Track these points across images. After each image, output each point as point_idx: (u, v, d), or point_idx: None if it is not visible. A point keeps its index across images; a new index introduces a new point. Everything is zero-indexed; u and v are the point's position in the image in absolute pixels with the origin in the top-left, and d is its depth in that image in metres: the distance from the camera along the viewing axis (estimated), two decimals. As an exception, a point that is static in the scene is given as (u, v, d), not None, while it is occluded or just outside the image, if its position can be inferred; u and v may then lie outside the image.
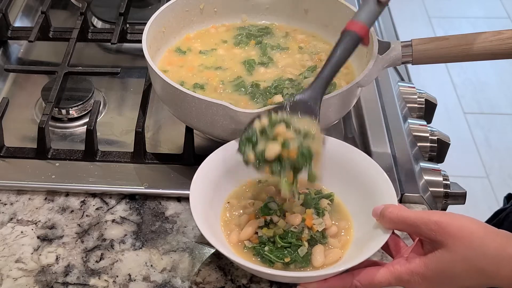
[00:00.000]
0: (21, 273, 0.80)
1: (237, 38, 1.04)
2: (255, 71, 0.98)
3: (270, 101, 0.91)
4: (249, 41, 1.04)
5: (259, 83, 0.94)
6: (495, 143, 2.54)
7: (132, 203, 0.90)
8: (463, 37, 0.88)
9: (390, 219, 0.72)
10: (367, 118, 1.02)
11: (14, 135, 0.99)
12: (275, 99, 0.91)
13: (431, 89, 1.18)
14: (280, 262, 0.75)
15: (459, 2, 3.29)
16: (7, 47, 1.17)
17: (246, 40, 1.04)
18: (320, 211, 0.80)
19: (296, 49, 1.03)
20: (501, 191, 2.29)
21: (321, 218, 0.79)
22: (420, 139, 1.04)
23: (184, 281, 0.80)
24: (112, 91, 1.09)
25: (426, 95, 1.12)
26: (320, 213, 0.79)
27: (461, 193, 0.98)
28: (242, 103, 0.92)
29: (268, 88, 0.93)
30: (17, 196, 0.90)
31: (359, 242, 0.78)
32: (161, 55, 1.01)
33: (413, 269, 0.69)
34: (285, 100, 0.79)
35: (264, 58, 1.00)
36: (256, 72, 0.98)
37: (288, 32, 1.06)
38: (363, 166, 0.83)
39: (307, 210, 0.79)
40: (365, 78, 0.88)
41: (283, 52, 1.02)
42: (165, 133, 1.01)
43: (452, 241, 0.67)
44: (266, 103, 0.91)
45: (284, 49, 1.03)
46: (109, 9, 1.22)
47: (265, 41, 1.04)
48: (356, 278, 0.71)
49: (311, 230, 0.77)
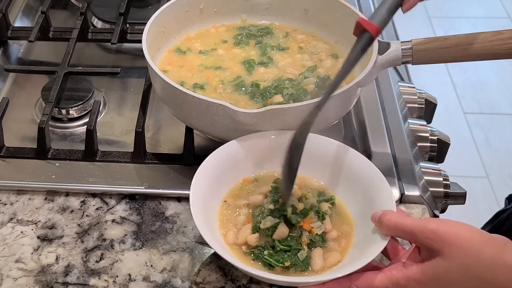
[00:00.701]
0: (21, 273, 0.80)
1: (237, 38, 1.04)
2: (255, 71, 0.98)
3: (270, 101, 0.91)
4: (249, 41, 1.04)
5: (259, 83, 0.94)
6: (495, 143, 2.54)
7: (132, 203, 0.90)
8: (463, 37, 0.88)
9: (388, 226, 0.73)
10: (367, 118, 1.02)
11: (14, 135, 0.99)
12: (275, 99, 0.91)
13: (431, 89, 1.18)
14: (280, 266, 0.75)
15: (459, 2, 3.29)
16: (7, 47, 1.17)
17: (246, 40, 1.04)
18: (321, 214, 0.80)
19: (296, 49, 1.03)
20: (501, 191, 2.29)
21: (320, 221, 0.79)
22: (420, 139, 1.04)
23: (184, 281, 0.80)
24: (112, 91, 1.09)
25: (426, 95, 1.12)
26: (320, 216, 0.79)
27: (461, 193, 0.98)
28: (242, 103, 0.92)
29: (268, 88, 0.93)
30: (17, 196, 0.90)
31: (358, 246, 0.78)
32: (161, 55, 1.01)
33: (410, 275, 0.69)
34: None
35: (264, 58, 1.00)
36: (256, 72, 0.98)
37: (288, 32, 1.06)
38: (362, 169, 0.83)
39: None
40: (365, 78, 0.88)
41: (283, 52, 1.02)
42: (165, 133, 1.01)
43: (448, 249, 0.67)
44: (266, 103, 0.91)
45: (284, 49, 1.03)
46: (109, 9, 1.22)
47: (265, 41, 1.04)
48: (354, 282, 0.72)
49: (310, 233, 0.78)
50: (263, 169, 0.87)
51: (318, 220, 0.79)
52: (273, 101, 0.90)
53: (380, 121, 1.02)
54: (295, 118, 0.85)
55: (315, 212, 0.79)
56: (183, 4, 1.02)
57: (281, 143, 0.86)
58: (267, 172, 0.87)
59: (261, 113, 0.82)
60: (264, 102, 0.91)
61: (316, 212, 0.79)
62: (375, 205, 0.77)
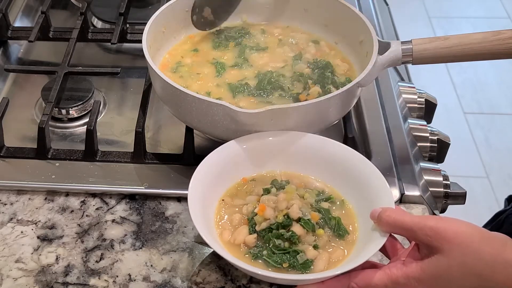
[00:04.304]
0: (21, 273, 0.80)
1: (215, 42, 1.03)
2: (227, 72, 0.97)
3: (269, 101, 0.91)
4: (228, 43, 1.03)
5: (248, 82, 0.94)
6: (495, 143, 2.54)
7: (132, 203, 0.90)
8: (463, 37, 0.88)
9: (387, 223, 0.73)
10: (367, 118, 1.02)
11: (14, 135, 0.99)
12: (274, 100, 0.91)
13: (431, 89, 1.18)
14: (278, 267, 0.75)
15: (459, 2, 3.29)
16: (7, 47, 1.17)
17: (225, 42, 1.03)
18: (310, 225, 0.79)
19: (276, 43, 1.03)
20: (501, 191, 2.29)
21: (311, 231, 0.78)
22: (420, 139, 1.04)
23: (184, 281, 0.80)
24: (112, 91, 1.09)
25: (426, 95, 1.12)
26: (310, 227, 0.79)
27: (461, 193, 0.98)
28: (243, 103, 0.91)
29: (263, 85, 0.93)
30: (17, 196, 0.90)
31: (359, 244, 0.78)
32: (162, 55, 1.01)
33: (410, 273, 0.69)
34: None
35: (240, 59, 0.99)
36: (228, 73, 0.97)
37: (263, 29, 1.06)
38: (361, 168, 0.83)
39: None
40: (365, 78, 0.88)
41: (263, 51, 1.02)
42: (165, 133, 1.01)
43: (448, 247, 0.67)
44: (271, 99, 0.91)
45: (264, 48, 1.02)
46: (109, 9, 1.22)
47: (244, 42, 1.03)
48: (354, 280, 0.71)
49: (315, 235, 0.78)
50: (263, 169, 0.87)
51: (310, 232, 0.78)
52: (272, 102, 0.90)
53: (380, 121, 1.02)
54: (295, 118, 0.85)
55: (305, 224, 0.78)
56: (183, 4, 1.02)
57: (281, 143, 0.86)
58: (267, 172, 0.87)
59: (261, 113, 0.82)
60: (268, 98, 0.91)
61: (305, 223, 0.78)
62: (374, 205, 0.77)
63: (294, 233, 0.76)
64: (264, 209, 0.78)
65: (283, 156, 0.87)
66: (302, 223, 0.77)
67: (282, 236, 0.76)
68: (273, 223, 0.77)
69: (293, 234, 0.76)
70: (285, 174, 0.87)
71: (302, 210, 0.78)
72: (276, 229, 0.77)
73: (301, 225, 0.77)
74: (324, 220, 0.79)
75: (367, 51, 0.93)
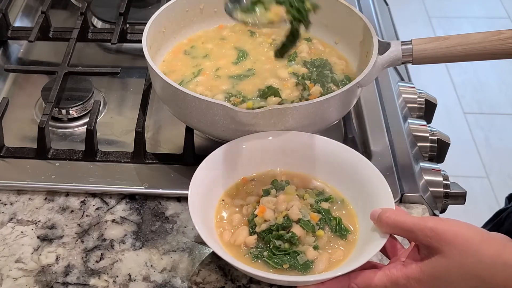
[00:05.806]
0: (21, 273, 0.80)
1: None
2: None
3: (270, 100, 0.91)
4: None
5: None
6: (495, 143, 2.54)
7: (132, 203, 0.90)
8: (463, 37, 0.88)
9: (387, 223, 0.73)
10: (367, 118, 1.02)
11: (14, 135, 0.99)
12: (272, 101, 0.91)
13: (431, 89, 1.18)
14: (279, 268, 0.75)
15: (459, 2, 3.29)
16: (7, 47, 1.17)
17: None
18: (311, 225, 0.79)
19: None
20: (501, 191, 2.29)
21: (312, 232, 0.78)
22: (420, 139, 1.04)
23: (184, 281, 0.80)
24: (112, 91, 1.09)
25: (426, 95, 1.12)
26: (310, 227, 0.78)
27: (461, 193, 0.98)
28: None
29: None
30: (17, 196, 0.90)
31: (359, 244, 0.78)
32: (162, 55, 1.01)
33: (409, 274, 0.69)
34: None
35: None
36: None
37: (253, 32, 1.06)
38: (361, 168, 0.83)
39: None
40: (365, 78, 0.88)
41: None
42: (165, 133, 1.01)
43: (448, 248, 0.67)
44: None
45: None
46: (109, 9, 1.22)
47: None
48: (354, 281, 0.72)
49: (315, 236, 0.78)
50: (263, 169, 0.87)
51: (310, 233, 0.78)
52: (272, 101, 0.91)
53: (380, 121, 1.02)
54: (295, 118, 0.85)
55: (305, 225, 0.78)
56: (183, 4, 1.02)
57: (281, 143, 0.86)
58: (266, 172, 0.87)
59: (261, 113, 0.82)
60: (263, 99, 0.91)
61: (305, 224, 0.78)
62: (374, 205, 0.77)
63: (294, 234, 0.76)
64: (264, 210, 0.78)
65: (283, 156, 0.87)
66: (302, 224, 0.77)
67: (282, 237, 0.76)
68: (273, 224, 0.77)
69: (293, 235, 0.76)
70: (285, 174, 0.87)
71: (301, 211, 0.78)
72: (276, 230, 0.77)
73: (301, 226, 0.77)
74: (324, 220, 0.79)
75: (367, 51, 0.93)
